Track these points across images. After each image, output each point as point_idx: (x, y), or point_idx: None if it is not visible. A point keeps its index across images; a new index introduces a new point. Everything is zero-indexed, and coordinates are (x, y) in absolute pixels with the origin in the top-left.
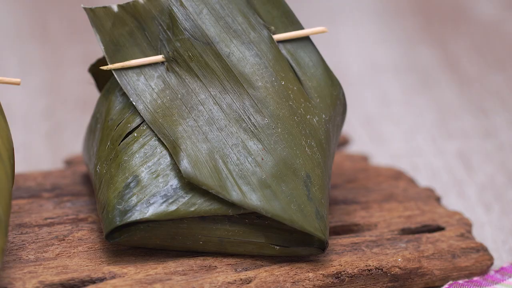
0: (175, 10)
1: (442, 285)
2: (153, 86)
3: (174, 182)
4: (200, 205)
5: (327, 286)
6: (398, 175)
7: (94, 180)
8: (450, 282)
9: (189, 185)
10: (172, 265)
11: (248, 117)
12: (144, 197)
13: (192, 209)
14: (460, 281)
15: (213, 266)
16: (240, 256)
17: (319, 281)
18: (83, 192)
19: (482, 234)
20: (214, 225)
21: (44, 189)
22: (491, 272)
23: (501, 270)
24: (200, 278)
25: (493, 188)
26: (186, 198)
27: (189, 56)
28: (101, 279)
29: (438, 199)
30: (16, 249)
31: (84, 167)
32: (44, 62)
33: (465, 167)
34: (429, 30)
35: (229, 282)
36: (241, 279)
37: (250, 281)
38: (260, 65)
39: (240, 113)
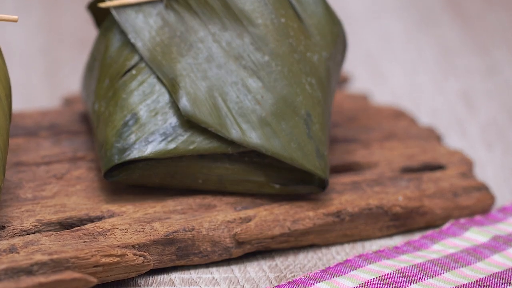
0: None
1: (443, 224)
2: (152, 24)
3: (173, 120)
4: (199, 143)
5: (327, 225)
6: (399, 114)
7: (92, 118)
8: (452, 221)
9: (188, 123)
10: (171, 204)
11: (248, 54)
12: (143, 135)
13: (191, 147)
14: (462, 220)
15: (212, 205)
16: (239, 195)
17: (320, 220)
18: (81, 131)
19: (484, 173)
20: (213, 164)
21: (42, 128)
22: (493, 211)
23: (503, 209)
24: (199, 216)
25: (495, 127)
26: (185, 136)
27: None
28: (100, 218)
29: (439, 138)
30: (14, 188)
31: (82, 106)
32: (42, 0)
33: (466, 105)
34: None
35: (228, 221)
36: (240, 218)
37: (249, 220)
38: (260, 2)
39: (240, 51)
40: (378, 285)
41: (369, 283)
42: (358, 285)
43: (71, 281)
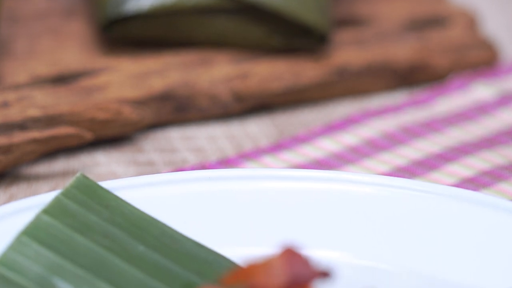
0: None
1: (448, 79)
2: None
3: None
4: None
5: (329, 80)
6: None
7: None
8: (456, 75)
9: None
10: (169, 59)
11: None
12: None
13: (190, 2)
14: (467, 74)
15: (211, 60)
16: (239, 50)
17: (321, 75)
18: None
19: (489, 28)
20: (212, 18)
21: None
22: (499, 65)
23: (510, 63)
24: (198, 71)
25: None
26: None
27: None
28: (95, 73)
29: None
30: (7, 42)
31: None
32: None
33: None
34: None
35: (228, 76)
36: (240, 73)
37: (249, 75)
38: None
39: None
40: (381, 142)
41: (371, 139)
42: (361, 141)
43: (65, 137)
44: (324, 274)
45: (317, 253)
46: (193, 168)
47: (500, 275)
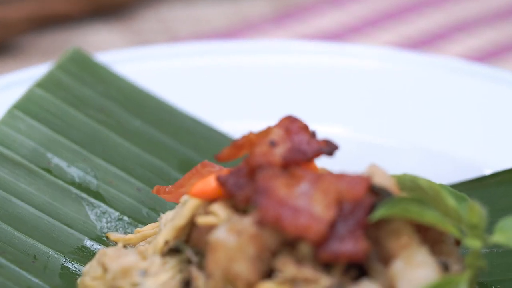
0: None
1: None
2: None
3: None
4: None
5: None
6: None
7: None
8: None
9: None
10: None
11: None
12: None
13: None
14: None
15: None
16: None
17: None
18: None
19: None
20: None
21: None
22: None
23: None
24: None
25: None
26: None
27: None
28: None
29: None
30: None
31: None
32: None
33: None
34: None
35: None
36: None
37: None
38: None
39: None
40: (386, 12)
41: (376, 10)
42: (366, 12)
43: (60, 8)
44: (329, 146)
45: (319, 128)
46: (192, 40)
47: (508, 152)
